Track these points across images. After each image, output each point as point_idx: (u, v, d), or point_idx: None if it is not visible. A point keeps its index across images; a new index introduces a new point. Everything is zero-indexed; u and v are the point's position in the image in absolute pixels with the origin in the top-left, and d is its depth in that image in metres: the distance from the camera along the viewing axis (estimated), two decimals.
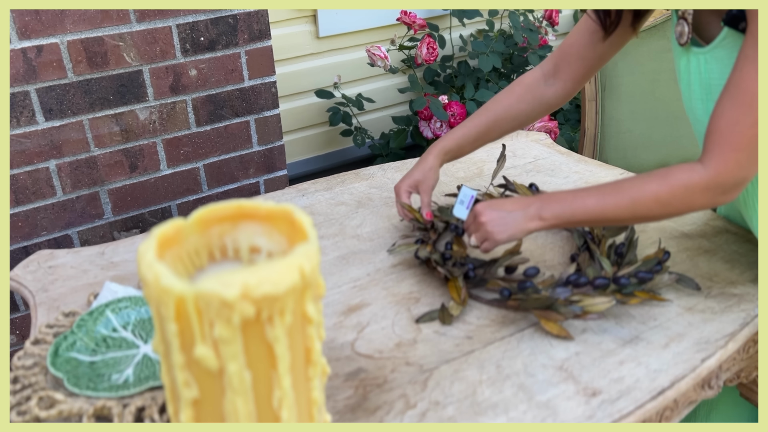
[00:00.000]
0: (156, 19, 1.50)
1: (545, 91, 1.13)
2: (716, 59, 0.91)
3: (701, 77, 0.95)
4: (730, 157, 0.82)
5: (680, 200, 0.86)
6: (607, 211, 0.89)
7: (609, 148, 1.81)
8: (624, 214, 0.89)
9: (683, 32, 0.96)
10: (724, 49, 0.89)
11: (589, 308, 0.90)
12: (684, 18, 0.95)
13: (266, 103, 1.72)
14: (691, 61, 0.96)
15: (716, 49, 0.91)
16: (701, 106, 0.98)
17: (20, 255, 1.52)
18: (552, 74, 1.13)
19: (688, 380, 0.83)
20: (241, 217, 0.64)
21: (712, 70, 0.93)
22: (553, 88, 1.13)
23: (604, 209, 0.90)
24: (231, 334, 0.54)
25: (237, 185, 1.77)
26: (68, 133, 1.49)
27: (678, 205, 0.86)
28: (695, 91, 0.98)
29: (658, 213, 0.88)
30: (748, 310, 0.95)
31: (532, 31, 2.33)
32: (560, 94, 1.13)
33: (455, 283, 0.98)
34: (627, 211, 0.88)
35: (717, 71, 0.92)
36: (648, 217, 0.90)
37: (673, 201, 0.86)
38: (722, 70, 0.91)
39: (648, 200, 0.87)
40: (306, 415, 0.63)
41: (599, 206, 0.90)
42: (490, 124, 1.13)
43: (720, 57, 0.91)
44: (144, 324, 0.90)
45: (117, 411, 0.74)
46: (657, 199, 0.86)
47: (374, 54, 2.16)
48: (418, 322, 0.93)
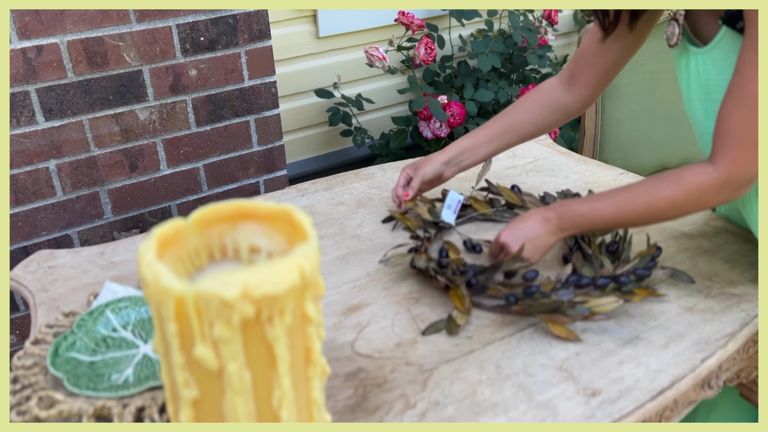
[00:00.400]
0: (156, 19, 1.50)
1: (563, 97, 1.14)
2: (713, 60, 0.92)
3: (700, 77, 0.96)
4: (739, 156, 0.84)
5: (695, 201, 0.88)
6: (624, 217, 0.93)
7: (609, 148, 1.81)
8: (641, 219, 0.92)
9: (674, 33, 0.97)
10: (721, 50, 0.90)
11: (596, 309, 0.90)
12: (675, 19, 0.96)
13: (266, 103, 1.72)
14: (690, 61, 0.97)
15: (714, 49, 0.91)
16: (700, 106, 0.98)
17: (20, 255, 1.52)
18: (568, 82, 1.14)
19: (687, 380, 0.83)
20: (241, 217, 0.64)
21: (709, 71, 0.93)
22: (570, 95, 1.14)
23: (621, 216, 0.93)
24: (231, 334, 0.54)
25: (237, 185, 1.77)
26: (68, 133, 1.49)
27: (693, 206, 0.89)
28: (694, 91, 0.98)
29: (674, 215, 0.91)
30: (748, 310, 0.95)
31: (532, 30, 2.33)
32: (578, 101, 1.14)
33: (457, 291, 0.98)
34: (643, 216, 0.92)
35: (714, 71, 0.92)
36: (664, 219, 0.93)
37: (688, 203, 0.89)
38: (720, 71, 0.91)
39: (663, 204, 0.90)
40: (306, 415, 0.63)
41: (616, 214, 0.93)
42: (506, 127, 1.15)
43: (717, 58, 0.91)
44: (144, 324, 0.90)
45: (117, 411, 0.74)
46: (672, 202, 0.89)
47: (372, 55, 2.16)
48: (425, 334, 0.92)
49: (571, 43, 2.82)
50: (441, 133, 2.21)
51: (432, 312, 0.97)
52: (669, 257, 1.08)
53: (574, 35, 2.82)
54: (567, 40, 2.82)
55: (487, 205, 1.21)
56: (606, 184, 1.32)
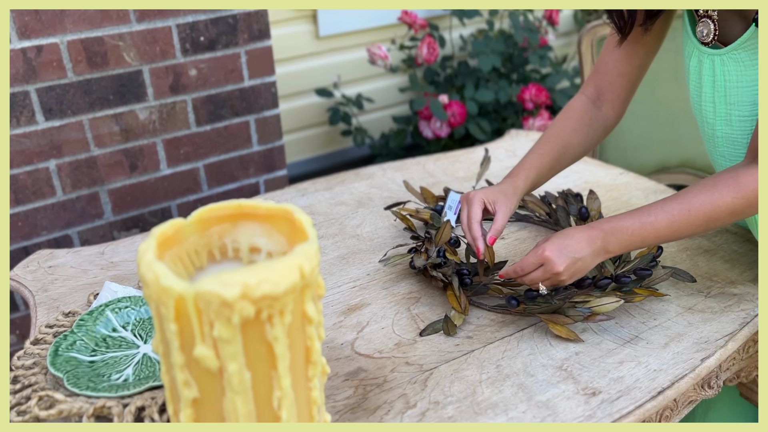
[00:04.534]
0: (156, 19, 1.50)
1: (597, 114, 1.09)
2: (735, 61, 0.89)
3: (715, 79, 0.93)
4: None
5: (753, 206, 0.85)
6: (680, 230, 0.87)
7: (609, 147, 1.80)
8: (696, 230, 0.87)
9: (709, 32, 0.93)
10: (746, 51, 0.87)
11: (597, 309, 0.90)
12: (709, 17, 0.92)
13: (266, 103, 1.72)
14: (703, 62, 0.94)
15: (738, 50, 0.88)
16: (711, 109, 0.96)
17: (20, 255, 1.52)
18: (596, 97, 1.10)
19: (687, 380, 0.83)
20: (241, 217, 0.64)
21: (729, 72, 0.91)
22: (602, 110, 1.09)
23: (676, 229, 0.87)
24: (231, 334, 0.54)
25: (237, 185, 1.77)
26: (68, 133, 1.49)
27: (750, 212, 0.85)
28: (706, 92, 0.96)
29: (729, 221, 0.87)
30: (747, 309, 0.95)
31: (532, 30, 2.33)
32: (611, 115, 1.09)
33: (454, 291, 0.98)
34: (700, 227, 0.86)
35: (735, 73, 0.90)
36: (717, 227, 0.88)
37: (748, 209, 0.85)
38: (742, 72, 0.89)
39: (723, 213, 0.85)
40: (306, 415, 0.63)
41: (672, 227, 0.87)
42: (561, 151, 1.06)
43: (740, 59, 0.89)
44: (144, 324, 0.90)
45: (117, 411, 0.74)
46: (733, 210, 0.85)
47: (375, 53, 2.16)
48: (422, 335, 0.92)
49: (571, 43, 2.82)
50: (441, 133, 2.21)
51: (432, 312, 0.97)
52: (669, 257, 1.08)
53: (575, 35, 2.82)
54: (567, 40, 2.82)
55: None
56: (606, 184, 1.32)
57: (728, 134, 0.95)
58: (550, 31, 2.48)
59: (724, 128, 0.95)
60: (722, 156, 0.98)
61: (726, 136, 0.95)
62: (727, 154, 0.97)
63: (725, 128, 0.95)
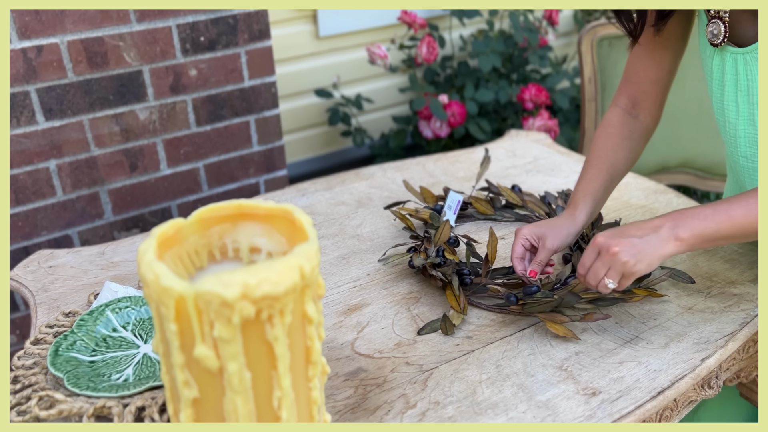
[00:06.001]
0: (156, 19, 1.50)
1: (635, 124, 1.07)
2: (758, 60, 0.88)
3: (738, 78, 0.92)
4: None
5: None
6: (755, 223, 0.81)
7: None
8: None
9: (719, 32, 0.92)
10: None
11: (596, 309, 0.90)
12: (720, 18, 0.92)
13: (266, 103, 1.72)
14: (726, 61, 0.93)
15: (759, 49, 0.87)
16: (734, 108, 0.94)
17: (20, 255, 1.52)
18: (632, 107, 1.08)
19: (687, 380, 0.83)
20: (241, 217, 0.64)
21: (752, 71, 0.90)
22: (640, 119, 1.07)
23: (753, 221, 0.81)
24: (231, 334, 0.54)
25: (237, 185, 1.77)
26: (68, 133, 1.49)
27: None
28: (729, 92, 0.94)
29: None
30: (747, 310, 0.95)
31: (532, 31, 2.33)
32: (649, 121, 1.07)
33: (453, 291, 0.98)
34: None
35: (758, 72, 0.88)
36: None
37: None
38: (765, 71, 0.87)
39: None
40: (306, 415, 0.63)
41: (748, 217, 0.81)
42: (610, 170, 1.04)
43: None
44: (144, 324, 0.90)
45: (117, 411, 0.74)
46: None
47: (374, 53, 2.16)
48: (420, 334, 0.92)
49: (571, 43, 2.82)
50: (441, 133, 2.21)
51: (432, 312, 0.97)
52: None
53: (575, 35, 2.82)
54: (567, 40, 2.82)
55: (488, 205, 1.21)
56: None
57: (751, 134, 0.94)
58: (550, 31, 2.48)
59: (747, 128, 0.94)
60: (744, 157, 0.96)
61: (749, 136, 0.94)
62: (750, 154, 0.95)
63: (748, 128, 0.94)
